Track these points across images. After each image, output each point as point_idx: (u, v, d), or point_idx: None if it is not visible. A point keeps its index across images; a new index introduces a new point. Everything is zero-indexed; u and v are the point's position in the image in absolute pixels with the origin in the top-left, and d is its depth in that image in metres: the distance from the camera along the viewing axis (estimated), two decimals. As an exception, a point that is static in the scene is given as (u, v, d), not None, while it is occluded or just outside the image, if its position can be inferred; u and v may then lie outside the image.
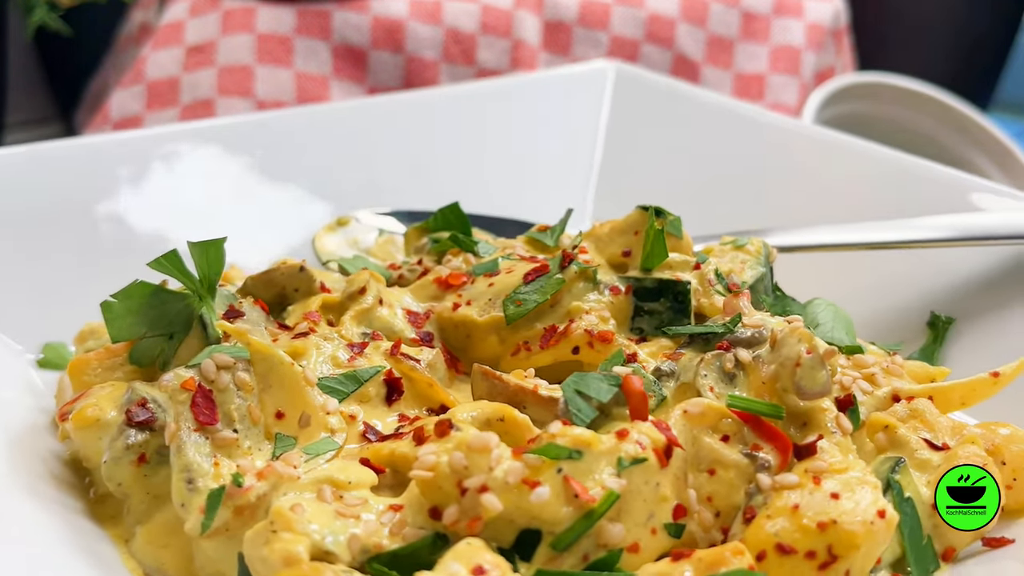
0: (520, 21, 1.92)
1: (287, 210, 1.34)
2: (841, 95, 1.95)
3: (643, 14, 1.97)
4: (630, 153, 1.55)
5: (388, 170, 1.43)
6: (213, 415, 0.83)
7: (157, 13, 1.98)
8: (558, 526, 0.73)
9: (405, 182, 1.42)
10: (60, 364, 1.05)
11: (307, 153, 1.40)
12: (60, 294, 1.14)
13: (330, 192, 1.37)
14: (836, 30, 2.13)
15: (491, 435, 0.75)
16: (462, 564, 0.69)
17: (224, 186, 1.32)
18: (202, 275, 0.91)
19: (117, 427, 0.84)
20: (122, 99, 1.84)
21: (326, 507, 0.74)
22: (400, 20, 1.88)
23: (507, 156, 1.52)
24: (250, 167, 1.34)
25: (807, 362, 0.86)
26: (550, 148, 1.56)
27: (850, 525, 0.74)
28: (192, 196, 1.29)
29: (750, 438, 0.83)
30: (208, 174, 1.32)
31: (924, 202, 1.26)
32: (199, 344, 0.91)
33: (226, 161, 1.33)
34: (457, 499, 0.73)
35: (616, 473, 0.75)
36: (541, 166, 1.54)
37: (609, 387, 0.84)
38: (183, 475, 0.79)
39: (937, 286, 1.21)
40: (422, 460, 0.75)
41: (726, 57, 2.03)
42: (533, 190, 1.49)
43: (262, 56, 1.85)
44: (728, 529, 0.81)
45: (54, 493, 0.88)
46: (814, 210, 1.33)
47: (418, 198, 1.39)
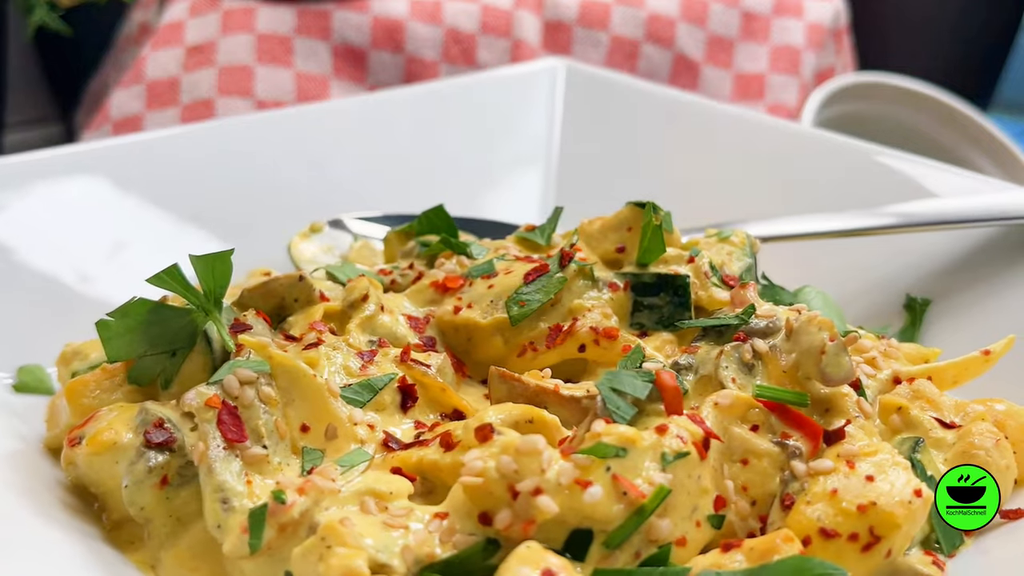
0: (520, 21, 1.92)
1: (249, 219, 1.31)
2: (841, 95, 1.95)
3: (643, 14, 1.97)
4: (587, 149, 1.55)
5: (344, 175, 1.42)
6: (241, 432, 0.80)
7: (157, 13, 1.98)
8: (610, 524, 0.73)
9: (363, 186, 1.41)
10: (38, 388, 1.03)
11: (260, 160, 1.36)
12: (33, 315, 1.10)
13: (288, 199, 1.35)
14: (836, 30, 2.13)
15: (538, 437, 0.74)
16: (531, 567, 0.68)
17: (183, 197, 1.30)
18: (207, 289, 0.89)
19: (135, 450, 0.82)
20: (122, 99, 1.84)
21: (373, 519, 0.73)
22: (400, 20, 1.88)
23: (464, 156, 1.52)
24: (194, 178, 1.31)
25: (831, 349, 0.87)
26: (507, 147, 1.56)
27: (890, 506, 0.76)
28: (152, 209, 1.26)
29: (778, 427, 0.84)
30: (164, 184, 1.29)
31: (878, 189, 1.29)
32: (204, 360, 0.89)
33: (178, 173, 1.31)
34: (508, 503, 0.72)
35: (661, 468, 0.75)
36: (499, 165, 1.53)
37: (644, 383, 0.83)
38: (216, 495, 0.77)
39: (910, 270, 1.23)
40: (469, 466, 0.74)
41: (726, 57, 2.03)
42: (492, 189, 1.48)
43: (262, 56, 1.85)
44: (766, 517, 0.82)
45: (68, 520, 0.85)
46: (776, 199, 1.33)
47: (379, 202, 1.38)
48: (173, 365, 0.89)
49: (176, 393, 0.88)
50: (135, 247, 1.22)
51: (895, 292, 1.22)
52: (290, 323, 0.99)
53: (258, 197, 1.33)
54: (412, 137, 1.50)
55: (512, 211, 1.44)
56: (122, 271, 1.17)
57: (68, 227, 1.20)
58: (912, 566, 0.79)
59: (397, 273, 1.11)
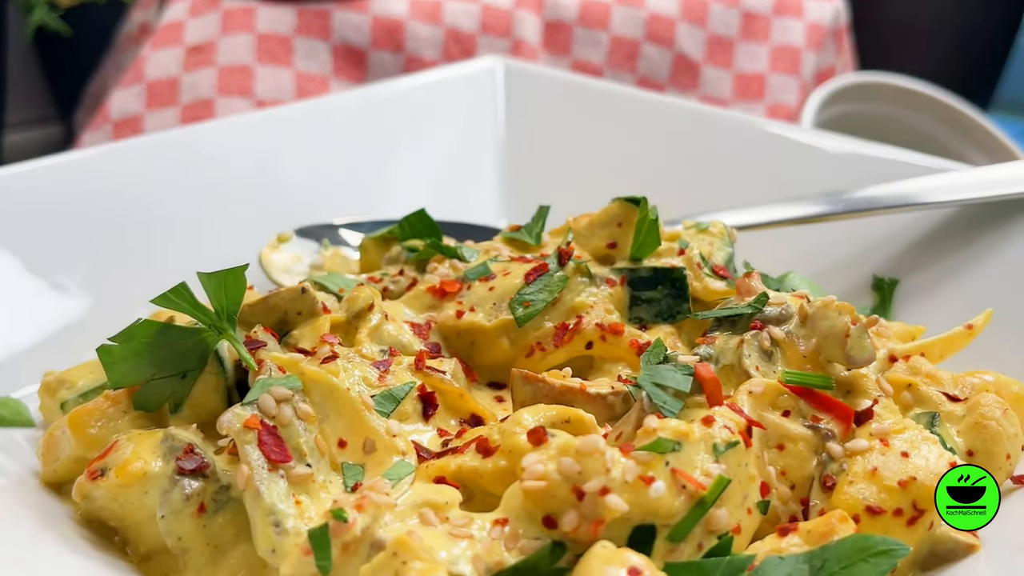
0: (520, 21, 1.92)
1: (206, 232, 1.27)
2: (841, 95, 1.94)
3: (643, 14, 1.97)
4: (532, 146, 1.55)
5: (289, 183, 1.39)
6: (285, 452, 0.78)
7: (157, 13, 1.98)
8: (673, 518, 0.73)
9: (309, 194, 1.38)
10: (16, 421, 0.98)
11: (198, 173, 1.32)
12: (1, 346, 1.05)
13: (238, 209, 1.31)
14: (836, 30, 2.13)
15: (597, 437, 0.74)
16: (616, 566, 0.68)
17: (129, 211, 1.25)
18: (218, 307, 0.86)
19: (168, 479, 0.79)
20: (122, 99, 1.84)
21: (437, 531, 0.73)
22: (400, 20, 1.88)
23: (410, 160, 1.50)
24: (149, 193, 1.27)
25: (855, 332, 0.89)
26: (452, 148, 1.54)
27: (929, 480, 0.80)
28: (109, 227, 1.22)
29: (807, 411, 0.86)
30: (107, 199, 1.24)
31: (824, 176, 1.32)
32: (216, 381, 0.87)
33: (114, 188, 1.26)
34: (574, 505, 0.72)
35: (714, 459, 0.76)
36: (446, 167, 1.52)
37: (684, 376, 0.84)
38: (268, 519, 0.74)
39: (875, 251, 1.27)
40: (530, 470, 0.73)
41: (726, 57, 2.03)
42: (442, 191, 1.46)
43: (262, 56, 1.85)
44: (807, 500, 0.83)
45: (95, 552, 0.82)
46: (727, 190, 1.35)
47: (326, 209, 1.36)
48: (183, 388, 0.87)
49: (189, 417, 0.87)
50: (94, 265, 1.18)
51: (862, 273, 1.25)
52: (296, 337, 0.96)
53: (210, 209, 1.29)
54: (355, 142, 1.47)
55: (466, 212, 1.43)
56: (89, 293, 1.15)
57: (31, 246, 1.15)
58: (951, 535, 0.82)
59: (388, 280, 1.09)
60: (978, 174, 1.22)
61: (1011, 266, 1.16)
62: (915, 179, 1.23)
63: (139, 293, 1.11)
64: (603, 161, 1.50)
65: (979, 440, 0.90)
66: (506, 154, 1.56)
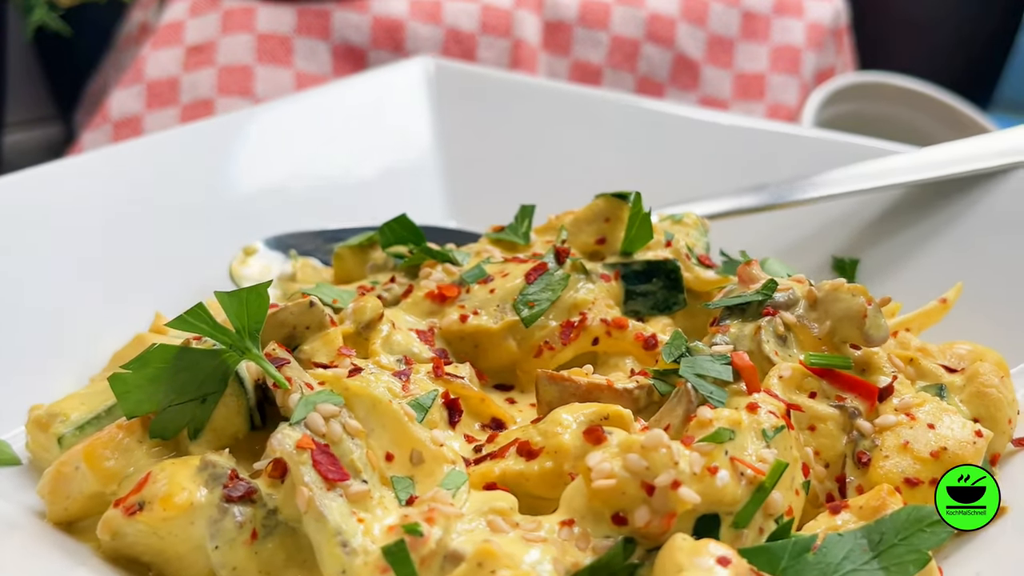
0: (520, 21, 1.92)
1: (159, 248, 1.23)
2: (841, 95, 1.95)
3: (643, 14, 1.97)
4: (469, 146, 1.55)
5: (230, 194, 1.34)
6: (341, 470, 0.76)
7: (157, 13, 1.98)
8: (736, 505, 0.74)
9: (252, 206, 1.34)
10: (1, 460, 0.93)
11: (123, 187, 1.26)
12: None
13: (172, 226, 1.26)
14: (836, 30, 2.13)
15: (660, 432, 0.74)
16: (705, 557, 0.68)
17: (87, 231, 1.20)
18: (239, 326, 0.82)
19: (216, 507, 0.76)
20: (122, 99, 1.84)
21: (510, 537, 0.72)
22: (400, 20, 1.88)
23: (347, 166, 1.47)
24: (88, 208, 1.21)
25: (872, 312, 0.91)
26: (390, 152, 1.52)
27: (959, 449, 0.84)
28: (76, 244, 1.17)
29: (831, 391, 0.89)
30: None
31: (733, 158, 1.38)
32: (238, 403, 0.85)
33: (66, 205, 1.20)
34: (644, 500, 0.72)
35: (766, 444, 0.78)
36: (384, 171, 1.50)
37: (724, 366, 0.86)
38: (336, 540, 0.72)
39: (831, 234, 1.31)
40: (597, 469, 0.73)
41: (726, 57, 2.03)
42: (385, 196, 1.44)
43: (262, 56, 1.85)
44: (842, 477, 0.85)
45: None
46: (669, 183, 1.36)
47: (270, 221, 1.32)
48: (204, 412, 0.83)
49: (210, 442, 0.84)
50: (57, 292, 1.13)
51: (821, 255, 1.28)
52: (308, 351, 0.93)
53: (153, 227, 1.25)
54: (291, 151, 1.43)
55: (412, 215, 1.41)
56: (49, 322, 1.10)
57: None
58: None
59: (381, 288, 1.07)
60: (923, 155, 1.27)
61: (963, 240, 1.21)
62: (864, 163, 1.26)
63: (107, 318, 1.10)
64: (542, 157, 1.51)
65: (983, 407, 0.92)
66: (446, 155, 1.55)
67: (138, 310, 1.13)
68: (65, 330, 1.10)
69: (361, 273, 1.16)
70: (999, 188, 1.22)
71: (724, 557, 0.68)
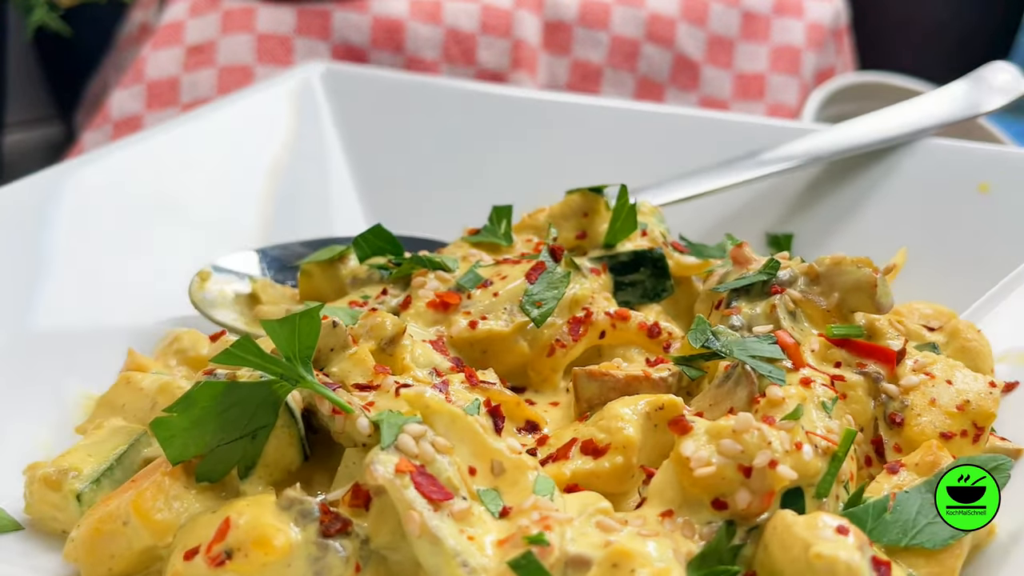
0: (520, 21, 1.92)
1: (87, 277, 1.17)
2: (841, 95, 1.94)
3: (643, 14, 1.97)
4: (372, 149, 1.53)
5: (141, 222, 1.27)
6: (443, 489, 0.74)
7: (157, 13, 1.98)
8: (816, 477, 0.77)
9: (166, 229, 1.28)
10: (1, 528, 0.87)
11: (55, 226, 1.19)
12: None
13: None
14: (836, 30, 2.13)
15: (748, 415, 0.77)
16: (825, 530, 0.70)
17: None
18: (289, 354, 0.79)
19: (315, 545, 0.73)
20: (122, 99, 1.84)
21: (625, 535, 0.73)
22: (400, 20, 1.88)
23: (249, 184, 1.41)
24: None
25: (881, 281, 0.96)
26: (291, 162, 1.47)
27: (980, 400, 0.90)
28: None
29: (851, 360, 0.93)
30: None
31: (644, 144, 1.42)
32: (289, 434, 0.82)
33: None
34: (742, 483, 0.74)
35: (828, 416, 0.82)
36: (291, 183, 1.45)
37: (772, 345, 0.89)
38: (456, 560, 0.70)
39: (762, 212, 1.37)
40: (696, 458, 0.75)
41: (726, 57, 2.03)
42: (296, 209, 1.41)
43: (262, 56, 1.85)
44: (878, 440, 0.90)
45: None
46: (577, 174, 1.36)
47: (185, 245, 1.27)
48: (255, 448, 0.80)
49: (263, 478, 0.81)
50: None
51: (753, 234, 1.32)
52: (337, 373, 0.89)
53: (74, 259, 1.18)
54: (190, 178, 1.36)
55: (329, 226, 1.40)
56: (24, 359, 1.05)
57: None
58: (1000, 445, 0.91)
59: (374, 302, 1.05)
60: (839, 132, 1.34)
61: (886, 206, 1.30)
62: (789, 143, 1.33)
63: (71, 365, 1.05)
64: (450, 154, 1.52)
65: (969, 360, 0.99)
66: (353, 160, 1.52)
67: (92, 355, 1.09)
68: (26, 383, 1.03)
69: (331, 289, 1.14)
70: (908, 156, 1.32)
71: (841, 526, 0.71)
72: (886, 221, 1.29)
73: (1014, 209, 1.22)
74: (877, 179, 1.32)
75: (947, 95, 1.42)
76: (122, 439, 0.91)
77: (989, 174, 1.26)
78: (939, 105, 1.39)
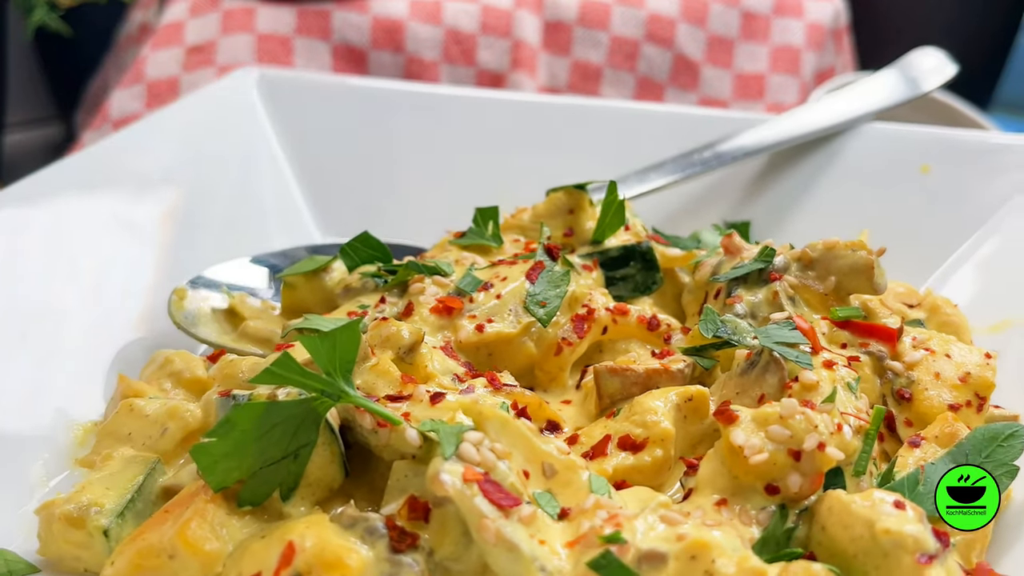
0: (520, 21, 1.92)
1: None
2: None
3: (643, 14, 1.97)
4: (315, 154, 1.51)
5: (98, 231, 1.22)
6: (510, 496, 0.73)
7: (157, 13, 1.98)
8: (853, 455, 0.80)
9: (110, 245, 1.22)
10: (15, 572, 0.83)
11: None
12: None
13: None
14: (836, 30, 2.13)
15: (793, 400, 0.79)
16: (885, 505, 0.72)
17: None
18: (329, 370, 0.77)
19: (386, 562, 0.72)
20: (122, 99, 1.84)
21: (690, 527, 0.73)
22: (400, 20, 1.88)
23: (194, 198, 1.34)
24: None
25: (876, 263, 0.98)
26: (235, 172, 1.43)
27: (981, 371, 0.93)
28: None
29: (854, 340, 0.95)
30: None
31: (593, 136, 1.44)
32: (331, 451, 0.80)
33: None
34: (793, 466, 0.76)
35: (855, 396, 0.85)
36: (237, 196, 1.40)
37: (792, 331, 0.90)
38: (535, 565, 0.69)
39: (715, 202, 1.40)
40: (750, 446, 0.77)
41: (726, 57, 2.03)
42: (245, 219, 1.37)
43: (262, 56, 1.85)
44: (889, 416, 0.92)
45: None
46: (524, 173, 1.39)
47: (142, 263, 1.23)
48: (298, 468, 0.78)
49: (306, 498, 0.79)
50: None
51: (712, 223, 1.34)
52: (363, 386, 0.86)
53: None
54: (131, 189, 1.30)
55: (286, 235, 1.38)
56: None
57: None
58: (997, 413, 0.94)
59: (374, 310, 1.02)
60: (782, 122, 1.39)
61: (834, 190, 1.35)
62: (740, 135, 1.36)
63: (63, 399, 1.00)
64: (391, 155, 1.52)
65: (953, 332, 1.02)
66: (297, 167, 1.49)
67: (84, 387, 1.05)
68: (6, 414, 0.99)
69: (315, 300, 1.12)
70: (853, 140, 1.38)
71: (898, 501, 0.73)
72: (836, 205, 1.34)
73: (954, 188, 1.28)
74: (824, 164, 1.37)
75: (881, 81, 1.46)
76: (138, 469, 0.88)
77: (929, 156, 1.32)
78: (879, 91, 1.44)
